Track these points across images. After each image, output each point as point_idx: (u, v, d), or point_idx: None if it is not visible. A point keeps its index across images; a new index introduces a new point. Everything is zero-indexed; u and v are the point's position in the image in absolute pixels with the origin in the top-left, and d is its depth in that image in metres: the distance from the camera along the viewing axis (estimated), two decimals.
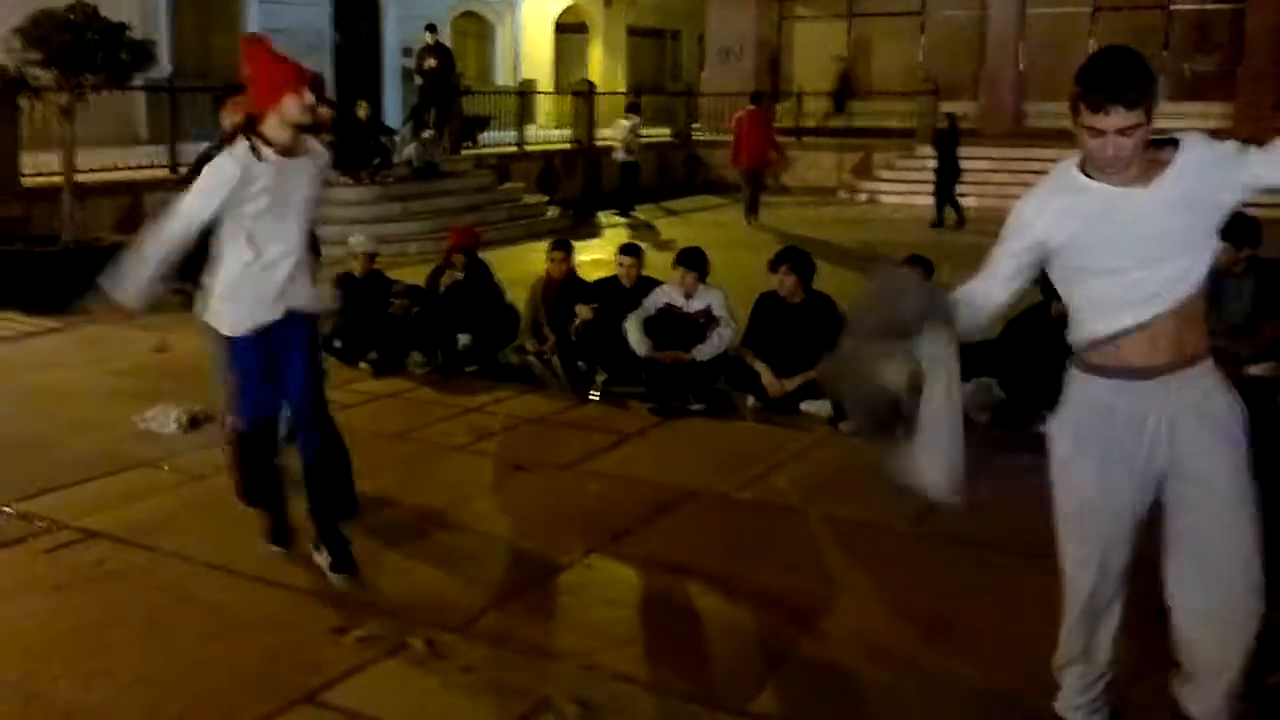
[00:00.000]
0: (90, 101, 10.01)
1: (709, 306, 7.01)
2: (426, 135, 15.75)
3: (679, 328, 7.01)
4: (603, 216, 17.60)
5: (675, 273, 7.12)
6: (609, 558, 4.73)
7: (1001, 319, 3.47)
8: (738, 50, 25.18)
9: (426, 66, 17.21)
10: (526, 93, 20.82)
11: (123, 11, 10.98)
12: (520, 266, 10.32)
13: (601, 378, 7.24)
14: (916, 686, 3.69)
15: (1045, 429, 3.10)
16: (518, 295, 8.07)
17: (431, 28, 17.81)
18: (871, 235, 14.96)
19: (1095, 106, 2.70)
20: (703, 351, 6.90)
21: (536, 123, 20.96)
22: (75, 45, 9.42)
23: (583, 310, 7.37)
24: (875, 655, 3.89)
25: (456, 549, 4.83)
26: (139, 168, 12.19)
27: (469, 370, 7.66)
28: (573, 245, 8.19)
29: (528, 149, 19.05)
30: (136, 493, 5.38)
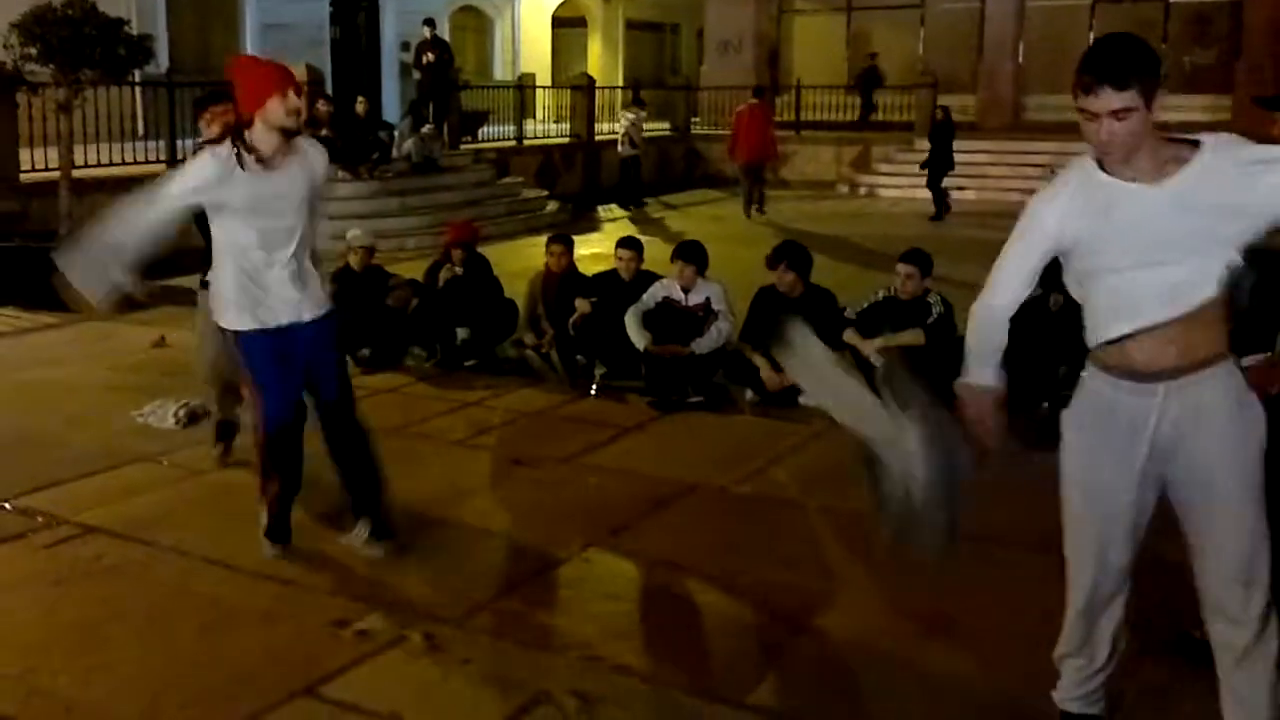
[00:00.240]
0: (87, 97, 10.03)
1: (708, 300, 7.01)
2: (425, 130, 15.75)
3: (678, 321, 7.01)
4: (611, 210, 17.60)
5: (674, 266, 7.12)
6: (608, 551, 4.73)
7: None
8: (737, 44, 25.14)
9: (425, 61, 17.20)
10: (525, 87, 20.80)
11: (120, 7, 11.01)
12: (519, 261, 10.32)
13: (600, 371, 7.23)
14: (915, 680, 3.69)
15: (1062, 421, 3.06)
16: (517, 290, 8.06)
17: (430, 22, 17.80)
18: (871, 229, 14.96)
19: (1085, 88, 2.68)
20: (701, 345, 6.90)
21: (535, 117, 20.93)
22: (73, 41, 9.43)
23: (582, 304, 7.37)
24: (874, 649, 3.89)
25: (455, 543, 4.83)
26: (136, 163, 12.18)
27: (468, 365, 7.66)
28: (572, 239, 8.19)
29: (526, 143, 19.04)
30: (135, 488, 5.38)
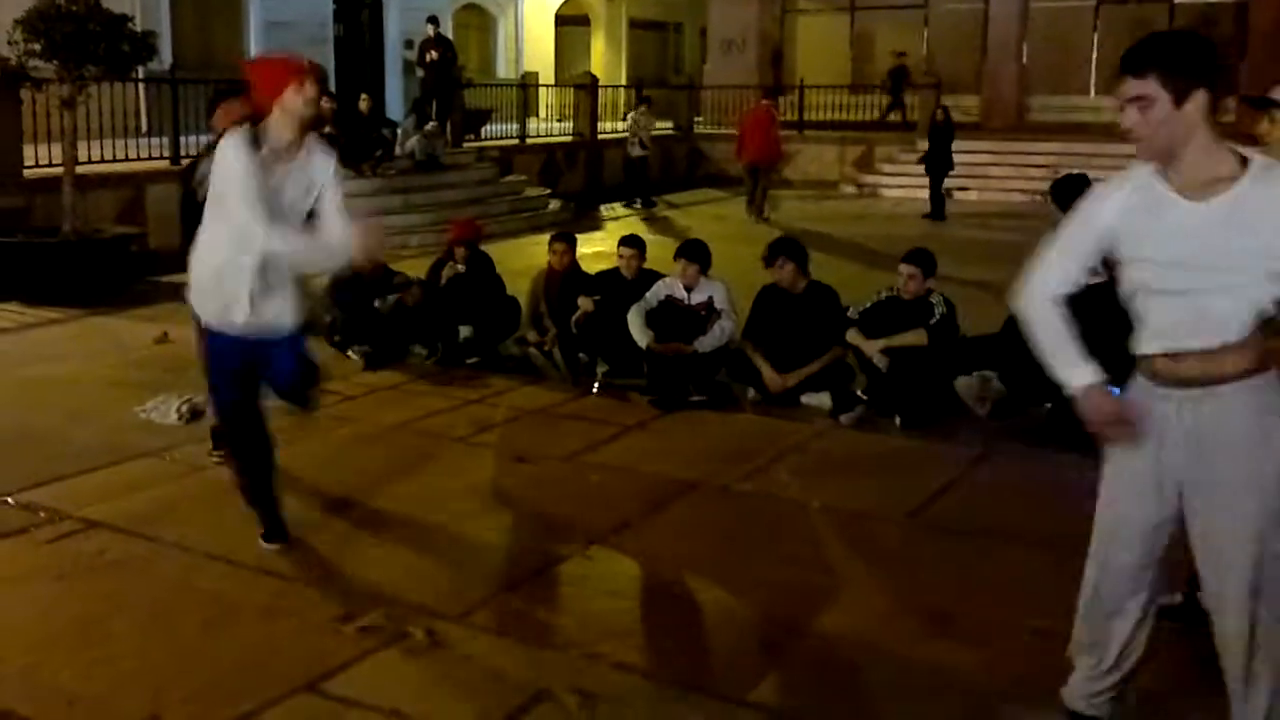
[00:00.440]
0: (91, 93, 10.04)
1: (711, 298, 7.01)
2: (429, 128, 15.75)
3: (681, 320, 7.01)
4: (614, 209, 17.60)
5: (677, 265, 7.12)
6: (609, 549, 4.73)
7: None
8: (740, 43, 25.15)
9: (428, 59, 17.20)
10: (528, 85, 20.81)
11: (124, 4, 11.01)
12: (522, 259, 10.33)
13: (602, 369, 7.24)
14: (915, 678, 3.69)
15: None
16: (519, 288, 8.07)
17: (433, 20, 17.81)
18: (873, 229, 14.95)
19: (1116, 76, 2.74)
20: (704, 343, 6.90)
21: (538, 116, 20.94)
22: (77, 37, 9.43)
23: (584, 302, 7.37)
24: (874, 646, 3.89)
25: (457, 539, 4.83)
26: (140, 159, 12.19)
27: (470, 362, 7.66)
28: (575, 238, 8.19)
29: (529, 142, 19.04)
30: (138, 483, 5.39)
